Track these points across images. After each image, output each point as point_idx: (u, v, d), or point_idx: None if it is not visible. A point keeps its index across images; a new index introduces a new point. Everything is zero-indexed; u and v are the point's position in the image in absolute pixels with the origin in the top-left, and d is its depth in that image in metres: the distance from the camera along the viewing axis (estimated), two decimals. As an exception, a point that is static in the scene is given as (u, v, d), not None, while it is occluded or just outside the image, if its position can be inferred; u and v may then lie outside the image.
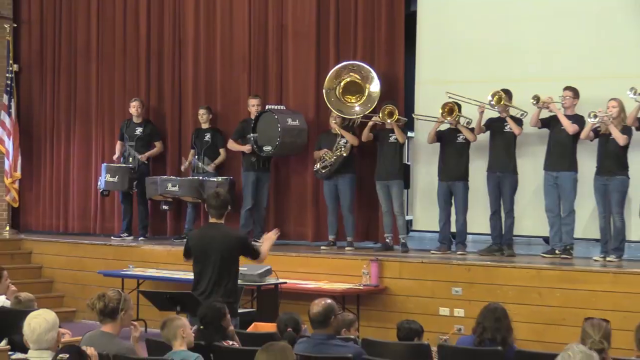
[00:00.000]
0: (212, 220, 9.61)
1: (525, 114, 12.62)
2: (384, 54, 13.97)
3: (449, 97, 12.88)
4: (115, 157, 15.57)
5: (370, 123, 13.33)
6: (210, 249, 9.43)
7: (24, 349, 6.95)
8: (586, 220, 12.49)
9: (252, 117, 14.14)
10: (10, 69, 16.85)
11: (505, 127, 12.64)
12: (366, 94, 13.63)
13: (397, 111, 13.22)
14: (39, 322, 6.77)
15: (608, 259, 11.91)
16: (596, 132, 12.01)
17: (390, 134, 13.29)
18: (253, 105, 14.26)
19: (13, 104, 16.74)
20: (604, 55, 12.63)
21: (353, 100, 13.72)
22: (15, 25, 17.28)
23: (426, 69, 14.05)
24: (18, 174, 16.82)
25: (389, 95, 13.70)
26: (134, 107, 15.37)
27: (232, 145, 14.51)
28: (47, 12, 17.19)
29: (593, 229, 12.37)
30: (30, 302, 9.26)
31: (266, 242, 9.82)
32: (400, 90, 13.90)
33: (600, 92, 12.16)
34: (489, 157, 12.80)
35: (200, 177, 14.49)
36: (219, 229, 9.52)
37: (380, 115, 13.18)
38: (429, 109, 13.33)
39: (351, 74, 13.76)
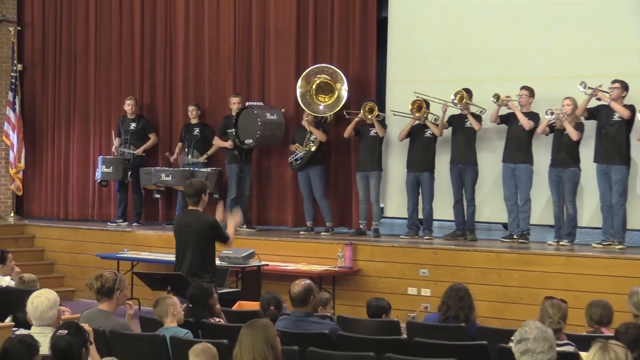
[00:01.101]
0: (190, 207, 9.74)
1: (484, 111, 12.65)
2: (357, 55, 13.98)
3: (417, 96, 12.89)
4: (113, 149, 15.54)
5: (355, 120, 13.31)
6: (186, 233, 9.61)
7: (27, 326, 6.96)
8: (541, 208, 12.53)
9: (234, 114, 14.12)
10: (15, 68, 16.83)
11: (466, 123, 12.67)
12: (336, 94, 13.66)
13: (377, 108, 13.25)
14: (41, 300, 6.78)
15: (561, 243, 11.96)
16: (551, 128, 12.05)
17: (371, 129, 13.29)
18: (234, 103, 14.27)
19: (17, 101, 16.70)
20: (557, 57, 12.67)
21: (326, 99, 13.74)
22: (20, 28, 17.24)
23: (396, 69, 14.07)
24: (22, 164, 16.81)
25: (362, 93, 13.74)
26: (128, 105, 15.40)
27: (216, 141, 14.53)
28: (48, 16, 17.14)
29: (547, 216, 12.41)
30: (33, 282, 9.26)
31: (230, 224, 9.86)
32: (372, 89, 13.91)
33: (554, 91, 12.19)
34: (451, 151, 12.83)
35: (191, 168, 14.48)
36: (194, 215, 9.68)
37: (362, 111, 13.19)
38: (399, 106, 13.33)
39: (322, 75, 13.78)
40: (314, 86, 13.76)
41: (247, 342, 5.83)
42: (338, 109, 13.62)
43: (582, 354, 6.68)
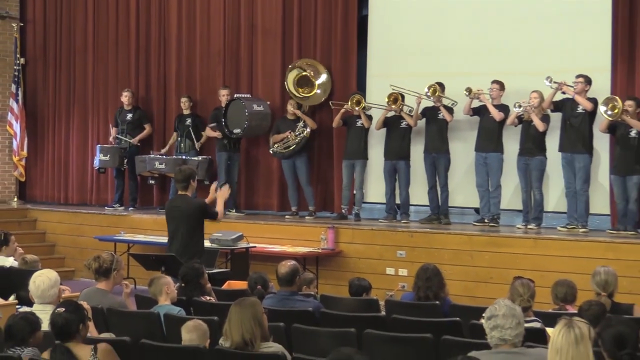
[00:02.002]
0: (179, 192, 9.78)
1: (455, 103, 12.69)
2: (339, 51, 13.97)
3: (393, 89, 12.89)
4: (110, 138, 15.50)
5: (342, 111, 13.30)
6: (176, 216, 9.64)
7: (30, 304, 6.96)
8: (510, 193, 12.56)
9: (223, 105, 14.11)
10: (18, 62, 16.78)
11: (439, 115, 12.69)
12: (315, 89, 13.76)
13: (364, 100, 13.25)
14: (43, 280, 6.78)
15: (529, 226, 12.00)
16: (520, 119, 12.08)
17: (357, 119, 13.29)
18: (223, 95, 14.24)
19: (20, 92, 16.68)
20: (525, 53, 12.68)
21: (302, 92, 13.77)
22: (22, 24, 17.18)
23: (375, 64, 14.07)
24: (24, 152, 16.78)
25: (344, 86, 13.73)
26: (125, 97, 15.36)
27: (207, 132, 14.50)
28: (49, 13, 17.08)
29: (516, 201, 12.45)
30: (35, 262, 9.23)
31: (219, 199, 9.87)
32: (353, 83, 13.90)
33: (523, 85, 12.21)
34: (425, 140, 12.85)
35: (184, 157, 14.47)
36: (183, 199, 9.72)
37: (349, 103, 13.18)
38: (378, 99, 13.34)
39: (306, 69, 13.81)
40: (295, 78, 13.79)
41: (236, 318, 5.85)
42: (320, 99, 13.63)
43: (548, 329, 6.70)
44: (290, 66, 13.94)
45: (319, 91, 13.75)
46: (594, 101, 11.59)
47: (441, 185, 12.76)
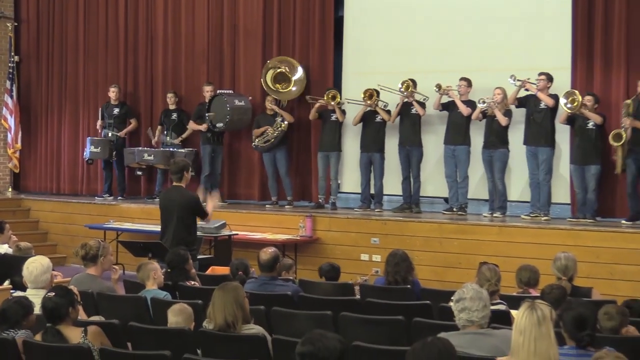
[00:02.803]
0: (174, 183, 9.69)
1: (427, 98, 12.69)
2: (316, 49, 13.95)
3: (379, 87, 12.86)
4: (97, 126, 15.44)
5: (317, 105, 13.28)
6: (171, 207, 9.53)
7: (23, 288, 6.93)
8: (477, 184, 12.58)
9: (207, 100, 14.07)
10: (12, 59, 16.74)
11: (412, 110, 12.69)
12: (292, 83, 13.72)
13: (339, 95, 13.24)
14: (36, 266, 6.76)
15: (494, 215, 12.04)
16: (484, 114, 12.11)
17: (332, 114, 13.28)
18: (207, 91, 14.19)
19: (14, 88, 16.64)
20: (491, 52, 12.70)
21: (280, 88, 13.74)
22: (16, 24, 17.12)
23: (350, 62, 14.06)
24: (19, 145, 16.75)
25: (321, 83, 13.71)
26: (112, 92, 15.31)
27: (192, 125, 14.47)
28: (42, 13, 16.99)
29: (482, 191, 12.47)
30: (28, 249, 9.20)
31: (209, 203, 9.79)
32: (329, 80, 13.87)
33: (488, 82, 12.22)
34: (399, 134, 12.85)
35: (170, 149, 14.44)
36: (178, 191, 9.60)
37: (325, 98, 13.17)
38: (353, 95, 13.34)
39: (285, 67, 13.77)
40: (276, 72, 13.75)
41: (219, 302, 5.84)
42: (301, 93, 13.63)
43: (513, 312, 6.72)
44: (264, 69, 13.86)
45: (294, 88, 13.72)
46: (555, 97, 11.64)
47: (414, 176, 12.77)
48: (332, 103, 13.16)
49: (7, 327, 5.76)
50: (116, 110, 15.27)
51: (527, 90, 11.84)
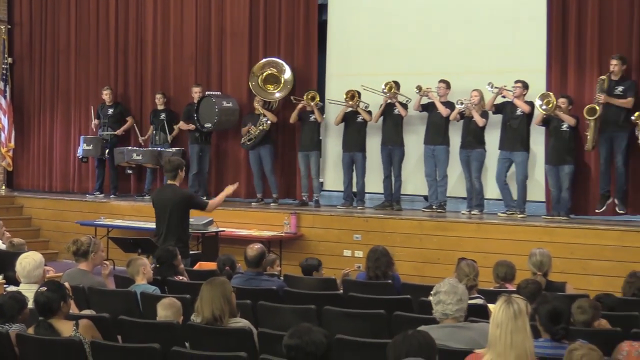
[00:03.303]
0: (168, 181, 9.61)
1: (409, 100, 12.68)
2: (301, 52, 13.95)
3: (363, 88, 12.87)
4: (92, 125, 15.40)
5: (299, 106, 13.27)
6: (164, 204, 9.41)
7: (17, 283, 6.91)
8: (455, 182, 12.61)
9: (195, 101, 14.04)
10: (6, 61, 16.69)
11: (395, 110, 12.69)
12: (282, 82, 13.63)
13: (317, 96, 13.25)
14: (29, 261, 6.74)
15: (472, 212, 12.07)
16: (462, 115, 12.14)
17: (311, 114, 13.28)
18: (195, 92, 14.17)
19: (8, 89, 16.57)
20: (469, 55, 12.73)
21: (271, 88, 13.72)
22: (10, 26, 17.05)
23: (334, 64, 14.07)
24: (12, 144, 16.68)
25: (306, 85, 13.70)
26: (105, 94, 15.27)
27: (180, 125, 14.43)
28: (35, 16, 16.92)
29: (460, 189, 12.50)
30: (21, 245, 9.16)
31: (222, 193, 9.71)
32: (313, 81, 13.88)
33: (466, 84, 12.25)
34: (382, 134, 12.86)
35: (159, 149, 14.41)
36: (172, 189, 9.49)
37: (305, 98, 13.17)
38: (336, 96, 13.35)
39: (271, 68, 13.74)
40: (263, 75, 13.73)
41: (207, 296, 5.84)
42: (287, 94, 13.59)
43: (490, 305, 6.74)
44: (250, 80, 13.80)
45: (277, 94, 13.70)
46: (531, 104, 11.67)
47: (395, 175, 12.77)
48: (312, 104, 13.16)
49: (3, 322, 5.75)
50: (110, 111, 15.22)
51: (503, 97, 11.87)
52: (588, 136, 11.19)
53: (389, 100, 12.68)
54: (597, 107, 11.11)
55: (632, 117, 10.85)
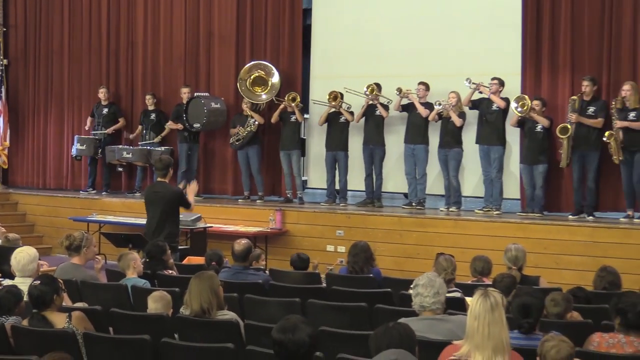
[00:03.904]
0: (158, 179, 9.62)
1: (390, 101, 12.69)
2: (286, 55, 13.94)
3: (345, 90, 12.87)
4: (86, 127, 15.33)
5: (281, 106, 13.26)
6: (155, 201, 9.45)
7: (12, 277, 6.86)
8: (434, 180, 12.63)
9: (184, 102, 14.00)
10: (1, 62, 16.59)
11: (376, 111, 12.69)
12: (269, 85, 13.60)
13: (298, 97, 13.24)
14: (23, 255, 6.71)
15: (450, 209, 12.09)
16: (440, 116, 12.16)
17: (292, 115, 13.27)
18: (184, 93, 14.12)
19: (3, 90, 16.48)
20: (448, 58, 12.76)
21: (259, 91, 13.69)
22: (5, 29, 16.94)
23: (318, 67, 14.07)
24: (7, 143, 16.56)
25: (290, 86, 13.70)
26: (102, 93, 15.17)
27: (170, 125, 14.38)
28: (29, 19, 16.82)
29: (439, 187, 12.52)
30: (16, 240, 9.11)
31: (190, 193, 9.72)
32: (298, 83, 13.88)
33: (445, 86, 12.27)
34: (364, 134, 12.85)
35: (148, 147, 14.36)
36: (162, 186, 9.52)
37: (286, 99, 13.16)
38: (320, 97, 13.35)
39: (259, 70, 13.71)
40: (251, 77, 13.70)
41: (195, 290, 5.83)
42: (274, 96, 13.57)
43: (468, 299, 6.76)
44: (239, 84, 13.78)
45: (264, 96, 13.66)
46: (507, 100, 11.73)
47: (376, 173, 12.78)
48: (292, 105, 13.16)
49: (0, 314, 5.72)
50: (105, 110, 15.13)
51: (480, 92, 11.91)
52: (562, 154, 11.29)
53: (370, 102, 12.69)
54: (569, 126, 11.21)
55: (604, 138, 10.92)
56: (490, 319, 4.51)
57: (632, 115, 10.89)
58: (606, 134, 10.91)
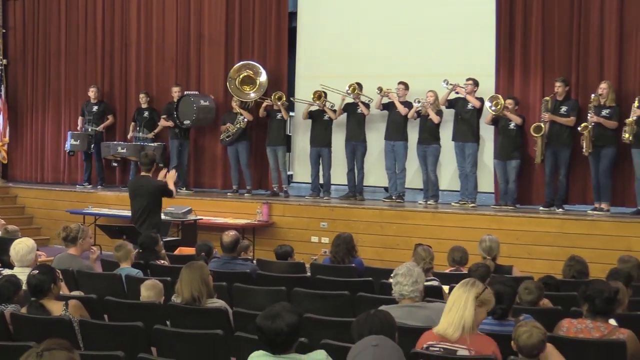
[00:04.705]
0: (142, 173, 9.67)
1: (371, 100, 12.69)
2: (273, 56, 13.91)
3: (322, 88, 12.86)
4: (78, 127, 15.26)
5: (265, 104, 13.25)
6: (140, 194, 9.54)
7: (11, 267, 6.83)
8: (413, 175, 12.63)
9: (175, 100, 13.96)
10: (1, 63, 16.54)
11: (358, 109, 12.69)
12: (257, 84, 13.56)
13: (284, 96, 13.22)
14: (22, 246, 6.69)
15: (428, 202, 12.10)
16: (418, 114, 12.17)
17: (278, 113, 13.25)
18: (175, 92, 14.07)
19: (3, 89, 16.43)
20: (426, 60, 12.77)
21: (248, 89, 13.65)
22: (4, 31, 16.87)
23: (303, 67, 14.04)
24: (7, 139, 16.50)
25: (277, 86, 13.67)
26: (92, 92, 15.12)
27: (162, 122, 14.34)
28: (28, 21, 16.73)
29: (417, 181, 12.53)
30: (15, 232, 9.08)
31: (169, 180, 9.67)
32: (284, 82, 13.85)
33: (423, 85, 12.27)
34: (346, 131, 12.85)
35: (142, 143, 14.33)
36: (146, 180, 9.63)
37: (272, 98, 13.14)
38: (304, 96, 13.33)
39: (247, 70, 13.68)
40: (240, 76, 13.66)
41: (186, 279, 5.83)
42: (262, 94, 13.54)
43: (445, 287, 6.78)
44: (229, 83, 13.73)
45: (252, 94, 13.63)
46: (481, 100, 11.75)
47: (358, 168, 12.78)
48: (278, 103, 13.15)
49: (0, 302, 5.70)
50: (95, 108, 15.09)
51: (457, 93, 11.92)
52: (537, 151, 11.34)
53: (352, 101, 12.68)
54: (543, 125, 11.28)
55: (579, 128, 10.97)
56: (461, 299, 4.64)
57: (605, 112, 10.94)
58: (582, 125, 10.94)
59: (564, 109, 11.31)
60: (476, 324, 4.67)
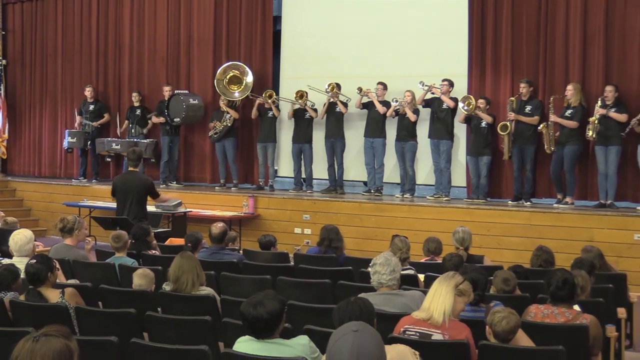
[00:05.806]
0: (130, 168, 9.64)
1: (349, 99, 12.69)
2: (258, 57, 13.89)
3: (309, 88, 12.83)
4: (76, 124, 15.18)
5: (257, 103, 13.21)
6: (128, 188, 9.48)
7: (10, 256, 6.79)
8: (391, 170, 12.65)
9: (166, 99, 13.91)
10: (0, 63, 16.44)
11: (337, 108, 12.69)
12: (244, 83, 13.53)
13: (274, 94, 13.20)
14: (20, 237, 6.66)
15: (405, 196, 12.11)
16: (396, 112, 12.18)
17: (269, 111, 13.22)
18: (166, 91, 14.04)
19: (2, 88, 16.40)
20: (403, 61, 12.78)
21: (235, 88, 13.62)
22: (4, 32, 16.81)
23: (287, 68, 14.02)
24: (6, 135, 16.47)
25: (263, 85, 13.63)
26: (88, 91, 15.07)
27: (153, 119, 14.30)
28: (26, 24, 16.66)
29: (395, 176, 12.55)
30: (14, 223, 9.02)
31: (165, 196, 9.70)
32: (269, 83, 13.82)
33: (401, 85, 12.29)
34: (325, 128, 12.86)
35: (134, 139, 14.27)
36: (134, 175, 9.59)
37: (263, 96, 13.11)
38: (288, 95, 13.31)
39: (234, 70, 13.64)
40: (227, 77, 13.62)
41: (177, 268, 5.81)
42: (247, 94, 13.50)
43: (420, 275, 6.79)
44: (217, 84, 13.68)
45: (236, 94, 13.59)
46: (455, 100, 11.76)
47: (338, 163, 12.78)
48: (269, 101, 13.12)
49: (-1, 290, 5.68)
50: (91, 107, 15.04)
51: (432, 93, 11.94)
52: (504, 148, 11.40)
53: (331, 99, 12.68)
54: (509, 124, 11.34)
55: (539, 128, 11.03)
56: (442, 287, 4.67)
57: (567, 112, 10.98)
58: (541, 125, 11.03)
59: (528, 108, 11.36)
60: (456, 312, 4.69)
